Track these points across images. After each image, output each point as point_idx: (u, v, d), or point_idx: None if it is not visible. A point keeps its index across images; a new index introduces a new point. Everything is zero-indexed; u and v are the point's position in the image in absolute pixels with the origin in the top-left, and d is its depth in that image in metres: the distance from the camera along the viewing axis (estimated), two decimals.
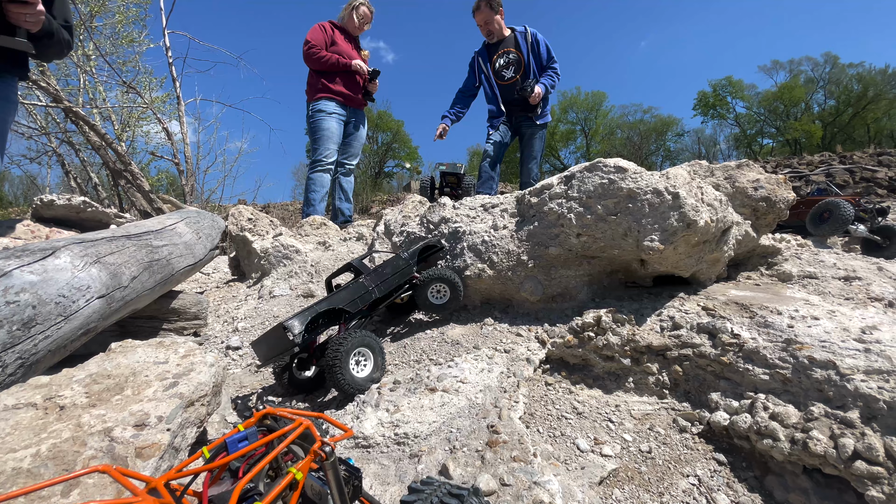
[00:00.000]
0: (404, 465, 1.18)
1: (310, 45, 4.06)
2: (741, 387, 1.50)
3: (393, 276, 1.97)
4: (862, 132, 31.27)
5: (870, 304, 1.91)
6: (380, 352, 1.70)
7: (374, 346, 1.67)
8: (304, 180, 4.35)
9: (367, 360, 1.65)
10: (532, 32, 3.98)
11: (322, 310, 1.67)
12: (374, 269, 1.99)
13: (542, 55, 3.97)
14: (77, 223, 2.95)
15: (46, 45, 1.99)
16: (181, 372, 1.19)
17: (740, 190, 2.17)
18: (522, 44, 3.97)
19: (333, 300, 1.74)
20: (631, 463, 1.37)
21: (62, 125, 8.47)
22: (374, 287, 1.88)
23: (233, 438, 0.70)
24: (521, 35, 4.01)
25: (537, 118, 4.11)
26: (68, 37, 2.10)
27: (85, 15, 8.00)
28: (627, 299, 1.98)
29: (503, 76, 4.06)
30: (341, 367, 1.51)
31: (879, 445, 1.15)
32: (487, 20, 3.94)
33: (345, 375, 1.52)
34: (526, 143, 4.28)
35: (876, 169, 12.54)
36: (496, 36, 4.05)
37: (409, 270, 2.03)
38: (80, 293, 1.54)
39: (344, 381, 1.51)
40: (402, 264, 2.02)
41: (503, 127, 4.16)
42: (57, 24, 2.01)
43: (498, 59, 4.05)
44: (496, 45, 4.09)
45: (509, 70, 4.03)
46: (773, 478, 1.30)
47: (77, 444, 0.98)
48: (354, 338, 1.60)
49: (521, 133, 4.26)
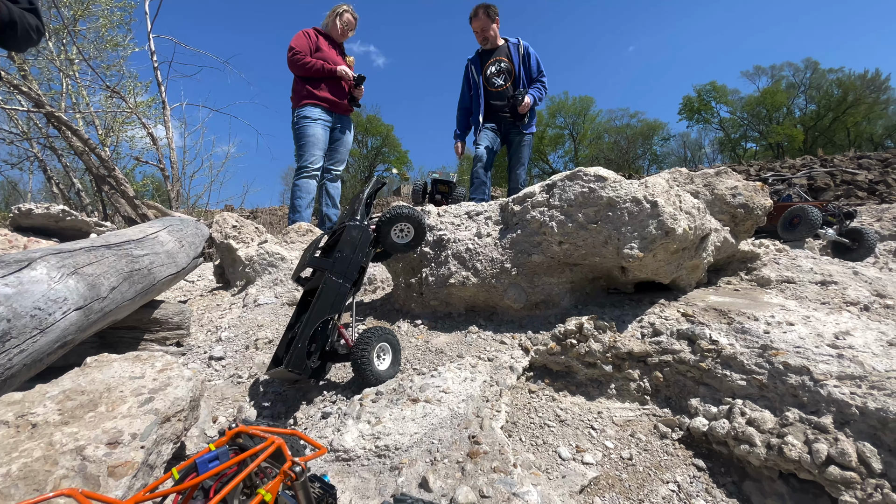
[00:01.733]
0: (384, 477, 1.18)
1: (294, 52, 4.06)
2: (720, 392, 1.52)
3: (356, 253, 1.87)
4: (842, 136, 32.00)
5: (845, 309, 1.95)
6: (398, 348, 1.83)
7: (393, 342, 1.82)
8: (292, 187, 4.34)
9: (387, 354, 1.80)
10: (525, 45, 4.15)
11: (310, 334, 1.67)
12: (334, 256, 1.84)
13: (532, 67, 4.14)
14: (56, 232, 2.90)
15: (11, 37, 1.81)
16: (157, 387, 1.18)
17: (719, 197, 2.21)
18: (514, 55, 4.13)
19: (315, 316, 1.70)
20: (612, 470, 1.38)
21: (44, 130, 8.32)
22: (343, 279, 1.81)
23: (203, 458, 0.70)
24: (513, 46, 4.17)
25: (524, 127, 4.24)
26: (36, 20, 1.91)
27: (68, 19, 7.90)
28: (609, 306, 2.00)
29: (493, 83, 4.20)
30: (368, 361, 1.68)
31: (852, 450, 1.18)
32: (484, 27, 4.11)
33: (373, 369, 1.68)
34: (514, 149, 4.38)
35: (856, 172, 12.83)
36: (491, 43, 4.20)
37: (367, 236, 1.91)
38: (56, 305, 1.51)
39: (371, 374, 1.67)
40: (358, 234, 1.89)
41: (492, 134, 4.26)
42: (18, 10, 1.83)
43: (490, 66, 4.19)
44: (489, 52, 4.24)
45: (500, 78, 4.18)
46: (750, 483, 1.32)
47: (48, 464, 0.96)
48: (377, 335, 1.73)
49: (509, 140, 4.38)
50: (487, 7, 4.08)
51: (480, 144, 4.21)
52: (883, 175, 12.68)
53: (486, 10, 4.06)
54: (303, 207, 4.22)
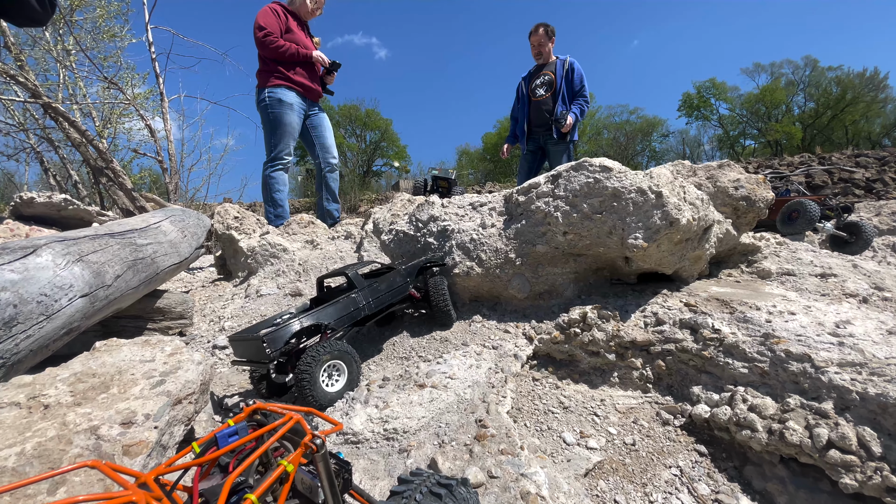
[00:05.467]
0: (393, 459, 1.19)
1: (265, 32, 3.75)
2: (721, 380, 1.54)
3: (387, 294, 1.92)
4: (840, 134, 32.07)
5: (844, 300, 1.97)
6: (355, 363, 1.64)
7: (348, 358, 1.61)
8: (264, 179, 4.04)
9: (341, 374, 1.60)
10: (571, 61, 4.42)
11: (306, 325, 1.63)
12: (369, 282, 1.90)
13: (574, 82, 4.38)
14: (58, 221, 2.89)
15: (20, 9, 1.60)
16: (168, 370, 1.19)
17: (721, 189, 2.22)
18: (559, 69, 4.41)
19: (321, 315, 1.69)
20: (615, 455, 1.40)
21: (41, 121, 8.25)
22: (365, 304, 1.83)
23: (223, 433, 0.70)
24: (560, 62, 4.46)
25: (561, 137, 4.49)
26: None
27: (65, 9, 7.83)
28: (612, 296, 2.02)
29: (536, 93, 4.52)
30: (311, 381, 1.47)
31: (852, 435, 1.20)
32: (541, 43, 4.44)
33: (314, 391, 1.47)
34: (552, 159, 4.60)
35: (853, 170, 12.89)
36: (544, 59, 4.54)
37: (404, 289, 1.98)
38: (62, 292, 1.52)
39: (311, 397, 1.46)
40: (399, 282, 1.97)
41: (530, 158, 4.68)
42: None
43: (536, 79, 4.54)
44: (540, 68, 4.56)
45: (542, 88, 4.48)
46: (751, 467, 1.34)
47: (63, 443, 0.97)
48: (327, 350, 1.55)
49: (546, 149, 4.63)
50: (547, 26, 4.42)
51: (522, 167, 4.75)
52: (880, 173, 12.74)
53: (545, 28, 4.41)
54: (284, 201, 4.04)
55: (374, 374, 1.69)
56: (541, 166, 4.70)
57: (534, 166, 4.68)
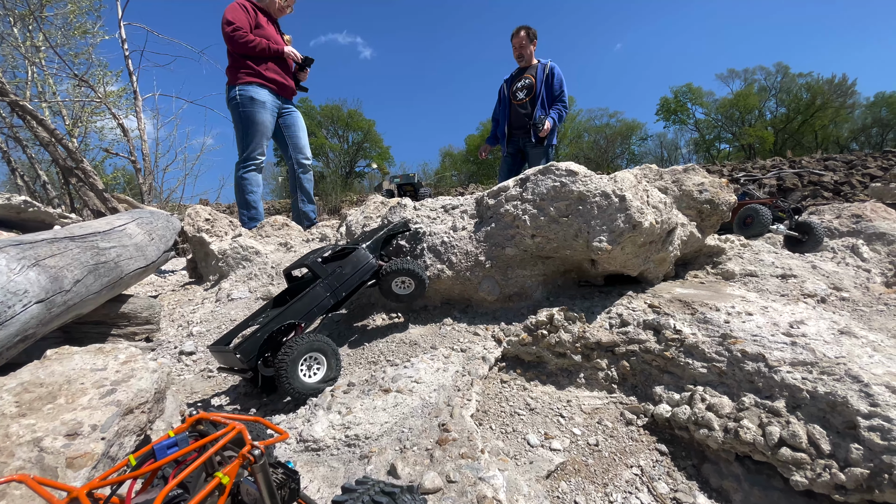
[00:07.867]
0: (353, 466, 1.18)
1: (234, 27, 3.67)
2: (682, 380, 1.58)
3: (354, 275, 1.91)
4: (810, 138, 33.17)
5: (802, 300, 2.04)
6: (333, 355, 1.67)
7: (326, 349, 1.65)
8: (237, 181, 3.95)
9: (321, 365, 1.63)
10: (552, 66, 4.48)
11: (276, 328, 1.63)
12: (333, 269, 1.89)
13: (554, 87, 4.45)
14: (18, 224, 2.80)
15: None
16: (120, 378, 1.16)
17: (686, 193, 2.28)
18: (540, 72, 4.47)
19: (288, 314, 1.68)
20: (579, 456, 1.41)
21: (8, 120, 7.97)
22: (331, 293, 1.83)
23: (161, 445, 0.69)
24: (541, 66, 4.52)
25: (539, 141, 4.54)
26: None
27: (34, 4, 7.58)
28: (579, 298, 2.04)
29: (516, 96, 4.59)
30: (289, 373, 1.51)
31: (803, 433, 1.24)
32: (523, 45, 4.51)
33: (292, 382, 1.51)
34: (531, 162, 4.66)
35: (822, 173, 13.32)
36: (525, 61, 4.59)
37: (371, 266, 1.96)
38: (16, 298, 1.47)
39: (291, 388, 1.51)
40: (364, 261, 1.95)
41: (510, 160, 4.75)
42: None
43: (517, 82, 4.60)
44: (522, 70, 4.63)
45: (522, 92, 4.55)
46: (708, 466, 1.37)
47: (4, 455, 0.94)
48: (303, 344, 1.58)
49: (525, 151, 4.68)
50: (529, 29, 4.49)
51: (500, 176, 4.80)
52: (848, 176, 13.21)
53: (527, 31, 4.48)
54: (258, 203, 3.95)
55: (340, 378, 1.67)
56: (521, 169, 4.76)
57: (514, 169, 4.74)
